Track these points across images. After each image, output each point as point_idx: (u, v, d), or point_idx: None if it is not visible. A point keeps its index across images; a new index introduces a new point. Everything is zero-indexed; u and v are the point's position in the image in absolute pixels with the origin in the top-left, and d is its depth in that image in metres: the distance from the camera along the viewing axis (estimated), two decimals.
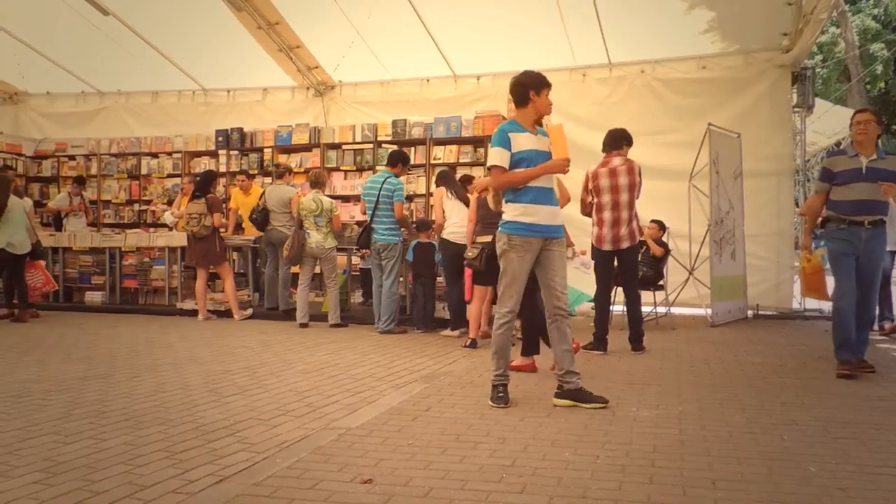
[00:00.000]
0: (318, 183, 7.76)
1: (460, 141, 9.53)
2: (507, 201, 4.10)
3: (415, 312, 7.45)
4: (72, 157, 11.54)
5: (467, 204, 7.01)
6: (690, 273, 8.09)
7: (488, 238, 6.21)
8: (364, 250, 7.34)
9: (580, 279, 8.18)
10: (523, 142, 4.08)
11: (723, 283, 7.91)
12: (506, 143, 4.05)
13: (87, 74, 11.11)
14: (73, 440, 3.29)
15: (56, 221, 10.37)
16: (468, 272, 6.45)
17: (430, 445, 3.24)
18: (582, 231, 8.41)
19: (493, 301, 6.29)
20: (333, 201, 7.83)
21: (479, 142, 9.42)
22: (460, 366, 5.35)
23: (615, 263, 6.10)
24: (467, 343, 6.30)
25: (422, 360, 5.59)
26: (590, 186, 6.02)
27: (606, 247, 5.97)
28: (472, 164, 9.40)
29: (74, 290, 9.54)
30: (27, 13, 9.51)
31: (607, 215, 5.94)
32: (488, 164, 4.07)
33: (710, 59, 8.81)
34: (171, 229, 9.36)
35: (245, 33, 9.19)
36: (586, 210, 6.20)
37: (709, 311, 7.88)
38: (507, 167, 4.03)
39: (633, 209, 5.93)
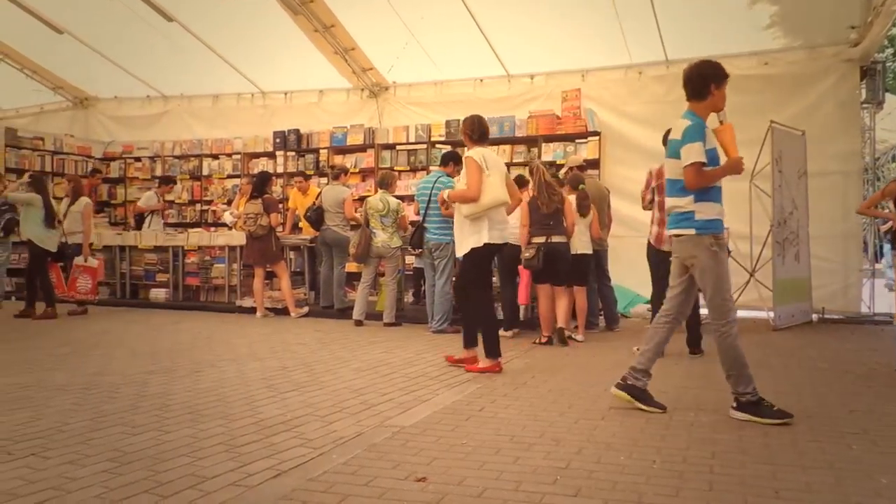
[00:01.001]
0: (386, 183, 7.85)
1: (513, 141, 9.50)
2: (697, 200, 3.84)
3: None
4: (137, 159, 11.99)
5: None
6: (751, 275, 7.86)
7: (542, 238, 6.25)
8: (418, 249, 7.37)
9: (634, 280, 8.06)
10: (710, 138, 3.86)
11: (786, 286, 7.66)
12: (704, 139, 3.79)
13: (152, 79, 11.51)
14: (140, 432, 3.41)
15: (137, 220, 10.56)
16: (525, 274, 6.44)
17: (484, 445, 3.24)
18: (635, 231, 8.32)
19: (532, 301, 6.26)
20: (400, 202, 7.90)
21: (532, 142, 9.38)
22: (513, 366, 5.33)
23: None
24: (543, 341, 6.30)
25: None
26: (653, 184, 5.91)
27: (665, 247, 5.84)
28: (525, 164, 9.34)
29: (140, 287, 9.87)
30: (97, 21, 9.89)
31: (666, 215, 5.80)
32: (687, 160, 3.75)
33: (772, 55, 8.55)
34: (230, 229, 9.60)
35: (302, 36, 9.37)
36: (647, 206, 6.12)
37: (771, 313, 7.65)
38: (706, 163, 3.77)
39: None
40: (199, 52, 10.18)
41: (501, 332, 6.85)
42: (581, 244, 6.62)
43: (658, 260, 5.94)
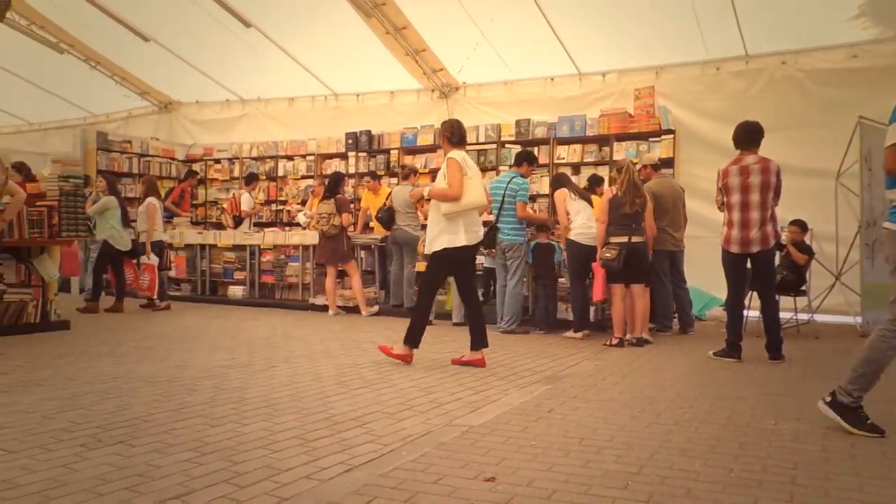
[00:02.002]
0: None
1: (585, 140, 9.38)
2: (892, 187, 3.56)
3: (537, 313, 7.40)
4: (217, 161, 12.47)
5: (591, 203, 6.91)
6: (837, 278, 7.51)
7: (623, 238, 6.16)
8: (490, 250, 7.36)
9: (710, 282, 7.82)
10: None
11: (876, 290, 7.26)
12: None
13: (231, 83, 11.94)
14: (219, 423, 3.54)
15: (237, 221, 10.72)
16: (600, 273, 6.36)
17: (553, 447, 3.21)
18: (712, 232, 8.07)
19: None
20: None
21: (604, 140, 9.23)
22: (583, 368, 5.26)
23: (748, 266, 5.75)
24: (614, 342, 6.22)
25: (544, 360, 5.55)
26: (719, 184, 5.72)
27: (734, 248, 5.62)
28: (596, 164, 9.22)
29: (219, 284, 10.25)
30: (180, 28, 10.34)
31: (736, 216, 5.58)
32: (889, 141, 3.53)
33: (861, 47, 8.12)
34: (304, 229, 9.84)
35: (374, 39, 9.52)
36: (719, 207, 5.92)
37: (858, 319, 7.28)
38: None
39: (767, 210, 5.48)
40: (275, 56, 10.49)
41: (571, 334, 6.81)
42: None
43: (731, 263, 5.70)
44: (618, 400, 4.19)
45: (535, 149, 9.46)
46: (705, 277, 7.88)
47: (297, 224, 10.41)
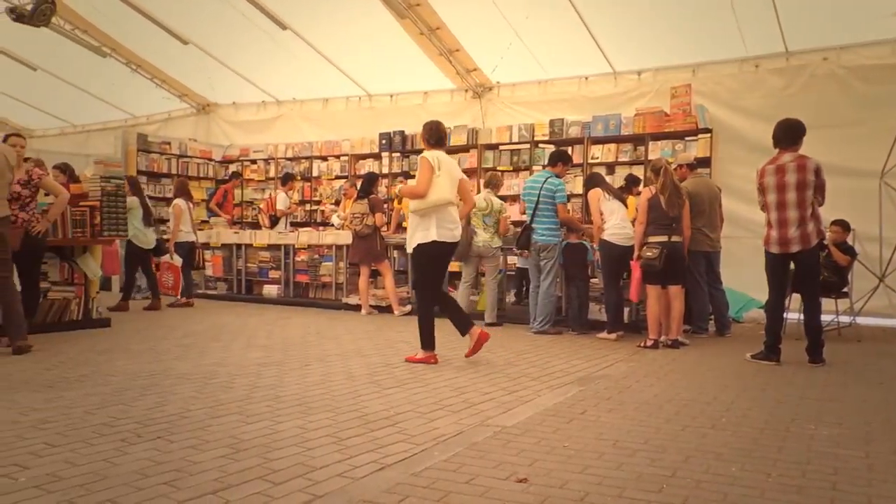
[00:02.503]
0: (493, 184, 7.89)
1: (619, 139, 9.29)
2: None
3: (570, 314, 7.35)
4: (253, 161, 12.64)
5: (625, 203, 6.85)
6: (881, 280, 7.30)
7: (663, 238, 6.10)
8: (524, 251, 7.32)
9: (748, 283, 7.69)
10: None
11: None
12: None
13: (267, 85, 12.10)
14: (254, 421, 3.59)
15: (273, 221, 10.82)
16: (636, 273, 6.30)
17: (587, 449, 3.19)
18: (749, 232, 7.93)
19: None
20: (504, 203, 7.92)
21: (639, 140, 9.13)
22: (617, 370, 5.21)
23: (790, 267, 5.63)
24: (649, 344, 6.16)
25: (577, 361, 5.51)
26: (757, 185, 5.61)
27: (774, 249, 5.52)
28: (631, 164, 9.13)
29: (254, 283, 10.39)
30: (218, 31, 10.50)
31: (773, 215, 5.48)
32: None
33: None
34: (338, 229, 9.91)
35: (408, 39, 9.56)
36: (761, 207, 5.82)
37: None
38: None
39: (806, 209, 5.35)
40: (310, 57, 10.60)
41: (605, 335, 6.74)
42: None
43: (772, 264, 5.59)
44: (652, 402, 4.14)
45: (569, 148, 9.40)
46: (742, 279, 7.75)
47: (331, 224, 10.49)
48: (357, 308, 8.79)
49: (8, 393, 4.12)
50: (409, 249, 5.50)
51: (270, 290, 10.10)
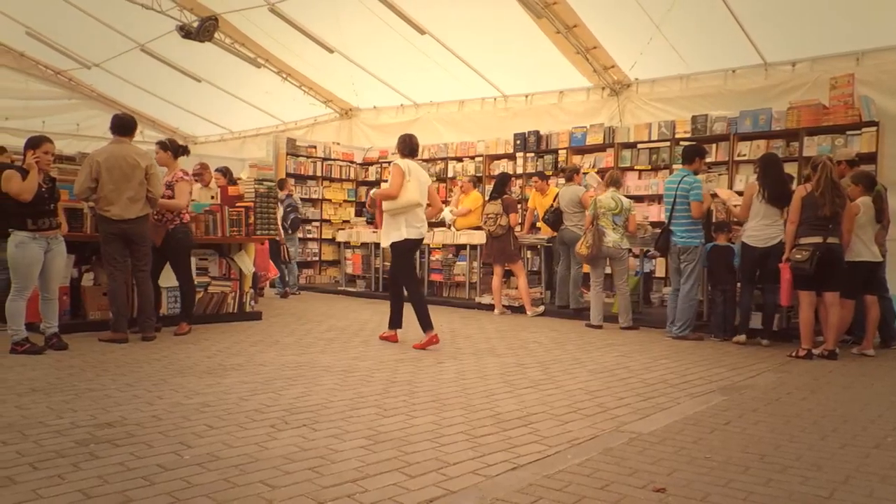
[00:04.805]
0: (615, 182, 7.70)
1: (770, 135, 8.71)
2: None
3: (713, 319, 6.99)
4: (390, 163, 13.04)
5: (781, 209, 6.45)
6: None
7: (817, 239, 5.68)
8: (662, 254, 7.07)
9: None
10: None
11: None
12: None
13: (406, 88, 12.47)
14: (390, 414, 3.72)
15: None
16: (786, 276, 5.91)
17: (730, 462, 3.02)
18: None
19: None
20: (631, 201, 7.72)
21: (792, 135, 8.51)
22: (765, 380, 4.89)
23: None
24: (802, 354, 5.77)
25: (719, 369, 5.24)
26: None
27: None
28: (783, 161, 8.51)
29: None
30: (361, 38, 10.97)
31: None
32: None
33: None
34: (449, 227, 10.03)
35: (543, 39, 9.50)
36: None
37: None
38: None
39: None
40: (447, 61, 10.81)
41: (735, 339, 6.45)
42: (872, 253, 5.99)
43: None
44: (805, 417, 3.86)
45: (714, 145, 8.98)
46: None
47: (440, 224, 10.61)
48: (490, 308, 8.85)
49: (176, 377, 4.53)
50: (385, 245, 6.28)
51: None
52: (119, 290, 5.88)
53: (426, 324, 5.99)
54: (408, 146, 6.22)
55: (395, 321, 6.26)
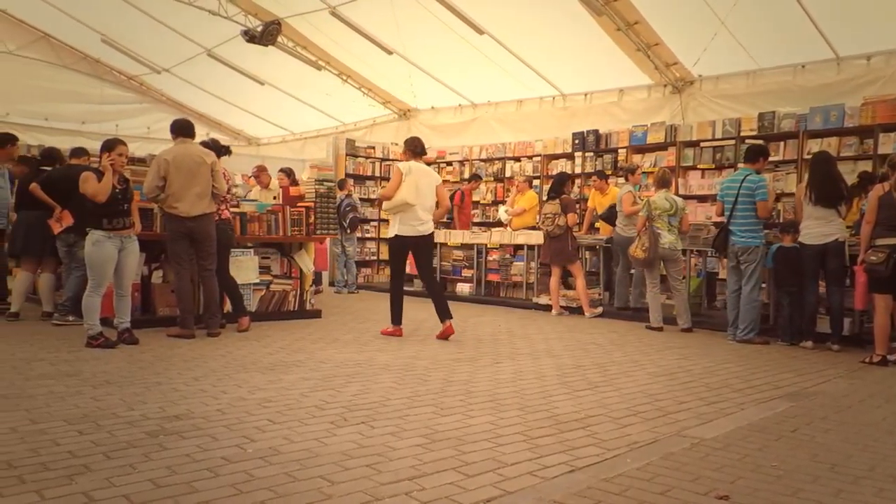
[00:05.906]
0: (665, 182, 7.54)
1: (842, 132, 8.37)
2: None
3: (779, 322, 6.77)
4: (448, 163, 13.10)
5: (839, 212, 6.23)
6: None
7: (894, 240, 5.45)
8: (721, 254, 6.88)
9: None
10: None
11: None
12: None
13: (464, 89, 12.48)
14: (447, 413, 3.73)
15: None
16: (860, 279, 5.69)
17: (799, 471, 2.92)
18: None
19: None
20: (685, 201, 7.56)
21: (866, 132, 8.15)
22: (835, 387, 4.71)
23: None
24: (876, 360, 5.56)
25: (786, 375, 5.06)
26: None
27: None
28: (855, 159, 8.21)
29: (448, 281, 10.76)
30: (419, 40, 11.03)
31: None
32: None
33: None
34: (505, 226, 9.94)
35: (602, 37, 9.36)
36: None
37: None
38: None
39: None
40: (505, 60, 10.76)
41: (803, 344, 6.32)
42: None
43: None
44: (880, 426, 3.70)
45: (781, 143, 8.69)
46: None
47: (496, 224, 10.55)
48: (547, 308, 8.79)
49: (239, 372, 4.66)
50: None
51: (463, 288, 10.41)
52: (185, 287, 6.10)
53: (397, 319, 6.48)
54: (418, 147, 6.60)
55: (444, 313, 6.47)
